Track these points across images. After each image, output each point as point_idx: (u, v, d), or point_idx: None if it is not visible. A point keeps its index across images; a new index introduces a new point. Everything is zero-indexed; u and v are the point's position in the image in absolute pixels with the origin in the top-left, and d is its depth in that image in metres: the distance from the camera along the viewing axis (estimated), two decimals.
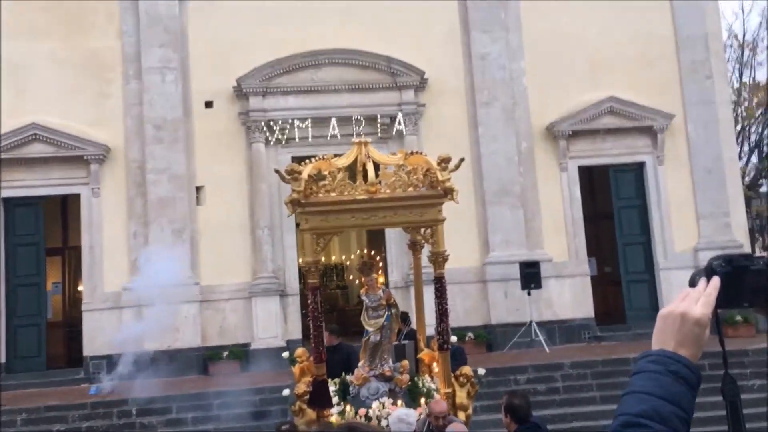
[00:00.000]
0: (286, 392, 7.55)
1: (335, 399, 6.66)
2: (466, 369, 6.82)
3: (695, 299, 1.39)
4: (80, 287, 15.55)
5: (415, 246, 7.48)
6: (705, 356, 1.37)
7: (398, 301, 7.65)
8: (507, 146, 15.41)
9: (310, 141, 14.88)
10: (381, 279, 9.54)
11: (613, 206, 16.09)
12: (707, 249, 15.11)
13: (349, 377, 6.94)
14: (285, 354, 8.75)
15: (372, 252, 18.58)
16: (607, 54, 15.73)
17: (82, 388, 13.25)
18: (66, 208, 16.68)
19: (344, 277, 20.93)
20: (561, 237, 15.52)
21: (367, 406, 6.58)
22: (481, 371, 7.68)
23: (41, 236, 14.99)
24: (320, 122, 14.98)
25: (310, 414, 6.41)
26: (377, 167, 6.61)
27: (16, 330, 14.38)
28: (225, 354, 14.11)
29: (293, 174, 6.24)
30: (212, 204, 14.87)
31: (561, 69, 15.60)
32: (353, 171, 6.66)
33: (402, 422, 5.96)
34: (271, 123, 14.97)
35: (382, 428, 6.10)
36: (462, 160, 6.72)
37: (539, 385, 11.82)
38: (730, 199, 15.86)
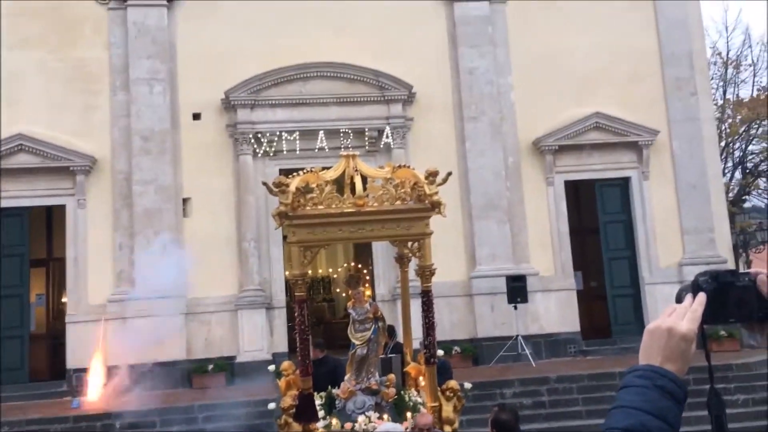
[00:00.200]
0: (272, 406, 7.50)
1: (321, 413, 6.62)
2: (453, 383, 6.81)
3: (682, 315, 1.41)
4: (64, 299, 15.40)
5: (403, 259, 7.48)
6: (690, 371, 1.38)
7: (385, 315, 7.64)
8: (494, 161, 15.49)
9: (298, 153, 14.89)
10: (368, 292, 9.55)
11: (599, 221, 16.19)
12: (692, 264, 15.22)
13: (336, 391, 6.91)
14: (271, 367, 8.69)
15: (359, 265, 18.56)
16: (594, 70, 15.89)
17: (65, 401, 13.10)
18: (51, 219, 16.54)
19: (331, 290, 20.88)
20: (547, 251, 15.58)
21: (353, 420, 6.56)
22: (468, 385, 7.66)
23: (26, 247, 14.86)
24: (308, 135, 14.99)
25: (296, 428, 6.36)
26: (365, 180, 6.61)
27: None
28: (210, 367, 14.01)
29: (281, 186, 6.24)
30: (199, 216, 14.82)
31: (548, 84, 15.73)
32: (341, 184, 6.66)
33: None
34: (259, 135, 14.97)
35: None
36: (449, 174, 6.74)
37: (525, 399, 11.83)
38: (715, 215, 16.01)
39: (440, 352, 7.84)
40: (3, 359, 14.15)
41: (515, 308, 14.20)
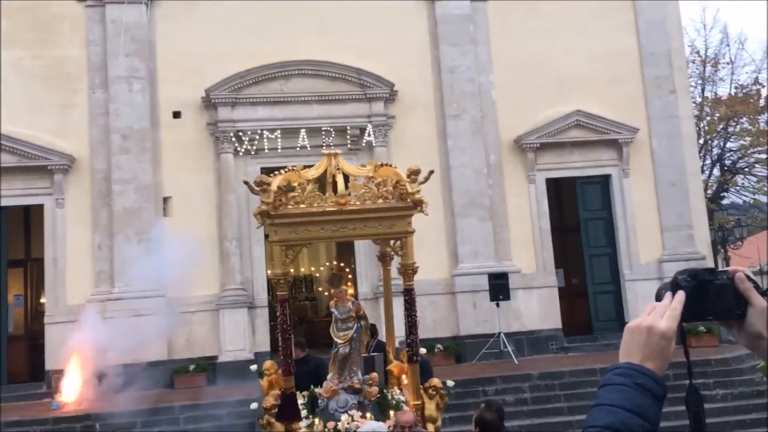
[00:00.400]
0: (254, 406, 7.47)
1: (304, 412, 6.61)
2: (435, 381, 6.82)
3: (661, 313, 1.41)
4: (43, 300, 15.23)
5: (385, 258, 7.48)
6: (670, 366, 1.40)
7: (368, 313, 7.63)
8: (476, 159, 15.54)
9: (280, 152, 14.83)
10: (350, 291, 9.52)
11: (580, 218, 16.31)
12: (671, 260, 15.38)
13: (318, 390, 6.90)
14: (253, 367, 8.66)
15: (341, 264, 18.54)
16: (574, 69, 15.98)
17: (44, 403, 12.96)
18: (29, 219, 16.34)
19: (313, 289, 20.84)
20: (529, 248, 15.66)
21: (336, 419, 6.55)
22: (450, 383, 7.67)
23: (3, 247, 14.68)
24: (290, 133, 14.94)
25: (279, 427, 6.34)
26: (347, 179, 6.60)
27: None
28: (192, 367, 13.92)
29: (262, 185, 6.21)
30: (179, 215, 14.70)
31: (529, 83, 15.80)
32: (323, 182, 6.65)
33: None
34: (240, 134, 14.89)
35: None
36: (431, 173, 6.75)
37: (508, 397, 11.87)
38: (693, 212, 16.18)
39: (423, 351, 7.84)
40: None
41: (497, 306, 14.25)
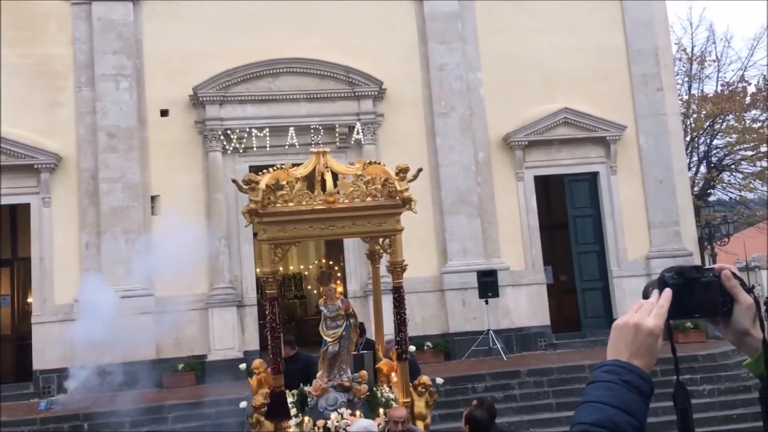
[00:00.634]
0: (244, 404, 7.46)
1: (293, 410, 6.60)
2: (425, 378, 6.84)
3: (648, 311, 1.42)
4: (30, 299, 15.13)
5: (374, 256, 7.48)
6: (657, 362, 1.41)
7: (357, 311, 7.63)
8: (464, 156, 15.56)
9: (268, 150, 14.78)
10: (339, 289, 9.52)
11: (568, 215, 16.37)
12: (658, 257, 15.48)
13: (308, 388, 6.89)
14: (242, 365, 8.64)
15: (330, 262, 18.52)
16: (562, 66, 16.03)
17: (32, 403, 12.87)
18: (15, 218, 16.23)
19: (302, 287, 20.81)
20: (518, 246, 15.71)
21: (326, 417, 6.55)
22: (439, 380, 7.69)
23: None
24: (278, 131, 14.90)
25: (268, 426, 6.34)
26: (336, 177, 6.60)
27: None
28: (181, 366, 13.87)
29: (251, 184, 6.19)
30: (167, 214, 14.62)
31: (517, 80, 15.84)
32: (311, 181, 6.64)
33: None
34: (229, 132, 14.84)
35: None
36: (420, 170, 6.76)
37: (497, 393, 11.91)
38: (680, 209, 16.28)
39: (412, 348, 7.85)
40: None
41: (486, 303, 14.29)
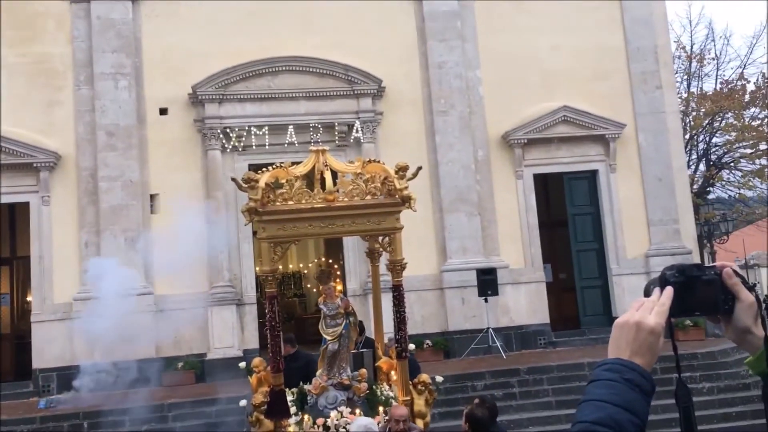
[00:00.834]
0: (243, 403, 7.46)
1: (293, 409, 6.60)
2: (424, 376, 6.84)
3: (649, 309, 1.42)
4: (29, 298, 15.12)
5: (373, 254, 7.48)
6: (657, 360, 1.41)
7: (356, 309, 7.63)
8: (464, 154, 15.56)
9: (267, 148, 14.78)
10: (339, 287, 9.52)
11: (568, 213, 16.37)
12: (658, 255, 15.48)
13: (307, 386, 6.90)
14: (242, 364, 8.64)
15: (330, 260, 18.51)
16: (561, 65, 16.02)
17: (31, 402, 12.87)
18: (14, 217, 16.22)
19: (302, 286, 20.81)
20: (517, 244, 15.70)
21: (326, 416, 6.55)
22: (439, 378, 7.71)
23: None
24: (277, 130, 14.89)
25: (268, 424, 6.34)
26: (335, 175, 6.60)
27: None
28: (180, 365, 13.87)
29: (250, 182, 6.19)
30: (167, 212, 14.61)
31: (516, 79, 15.83)
32: (311, 179, 6.64)
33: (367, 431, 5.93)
34: (228, 130, 14.83)
35: None
36: (419, 169, 6.76)
37: (496, 391, 11.91)
38: (680, 207, 16.28)
39: (412, 347, 7.86)
40: None
41: (486, 301, 14.29)
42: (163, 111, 14.96)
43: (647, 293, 1.46)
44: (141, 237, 14.21)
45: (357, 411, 6.59)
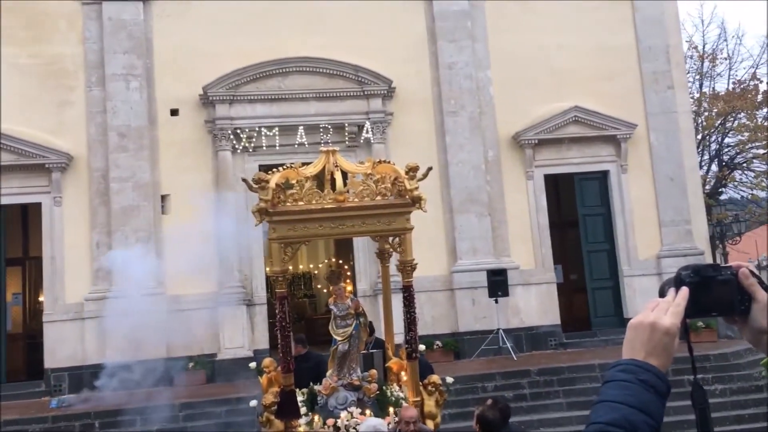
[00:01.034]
0: (254, 403, 7.47)
1: (303, 409, 6.60)
2: (435, 377, 6.82)
3: (664, 309, 1.41)
4: (41, 298, 15.21)
5: (384, 254, 7.47)
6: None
7: (367, 310, 7.63)
8: (474, 155, 15.52)
9: (278, 149, 14.80)
10: (349, 288, 9.52)
11: (578, 214, 16.30)
12: (669, 256, 15.39)
13: (317, 387, 6.90)
14: (252, 364, 8.66)
15: (340, 261, 18.53)
16: (572, 65, 15.96)
17: (43, 402, 12.95)
18: (27, 218, 16.32)
19: (312, 286, 20.83)
20: (528, 245, 15.65)
21: (336, 416, 6.55)
22: (449, 379, 7.69)
23: (1, 246, 14.65)
24: (288, 130, 14.91)
25: (278, 425, 6.34)
26: (345, 176, 6.59)
27: None
28: (191, 365, 13.91)
29: (260, 183, 6.20)
30: (178, 213, 14.67)
31: (527, 79, 15.78)
32: (321, 180, 6.64)
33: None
34: (238, 131, 14.87)
35: None
36: (430, 169, 6.75)
37: (506, 393, 11.87)
38: (692, 207, 16.18)
39: (422, 347, 7.85)
40: None
41: (496, 302, 14.25)
42: (174, 112, 15.02)
43: (662, 294, 1.45)
44: (152, 237, 14.26)
45: (367, 412, 6.58)
